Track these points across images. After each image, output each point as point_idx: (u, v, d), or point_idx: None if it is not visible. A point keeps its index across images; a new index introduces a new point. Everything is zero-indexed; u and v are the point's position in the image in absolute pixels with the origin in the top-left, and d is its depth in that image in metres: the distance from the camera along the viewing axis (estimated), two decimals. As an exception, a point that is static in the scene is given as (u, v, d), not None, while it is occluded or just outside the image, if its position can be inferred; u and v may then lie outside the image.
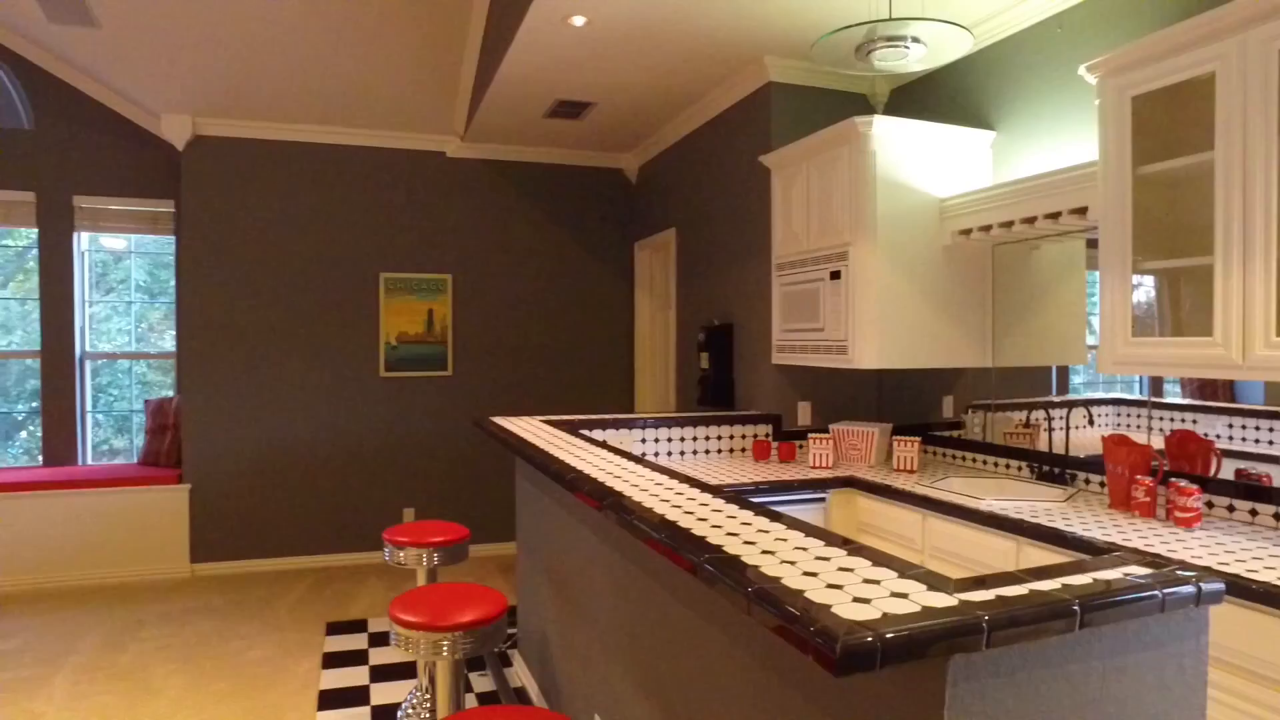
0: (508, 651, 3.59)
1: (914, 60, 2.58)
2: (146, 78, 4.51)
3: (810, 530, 1.44)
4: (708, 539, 1.38)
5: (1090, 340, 2.80)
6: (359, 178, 5.05)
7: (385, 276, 5.07)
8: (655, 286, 5.41)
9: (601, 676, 2.27)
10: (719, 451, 3.71)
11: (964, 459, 3.33)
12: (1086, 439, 2.81)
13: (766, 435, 3.75)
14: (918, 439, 3.22)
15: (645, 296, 5.50)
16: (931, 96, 3.55)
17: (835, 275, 3.21)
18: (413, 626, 2.10)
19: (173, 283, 5.28)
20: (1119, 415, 2.69)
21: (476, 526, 5.22)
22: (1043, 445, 2.98)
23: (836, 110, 3.75)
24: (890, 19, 2.45)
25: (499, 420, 3.41)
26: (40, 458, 5.09)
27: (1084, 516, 2.38)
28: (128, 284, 5.35)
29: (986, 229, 2.97)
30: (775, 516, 1.55)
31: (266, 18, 4.01)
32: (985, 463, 3.21)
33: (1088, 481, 2.77)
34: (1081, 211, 2.54)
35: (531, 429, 3.11)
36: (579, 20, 3.22)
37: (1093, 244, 2.76)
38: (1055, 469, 2.89)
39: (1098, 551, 2.06)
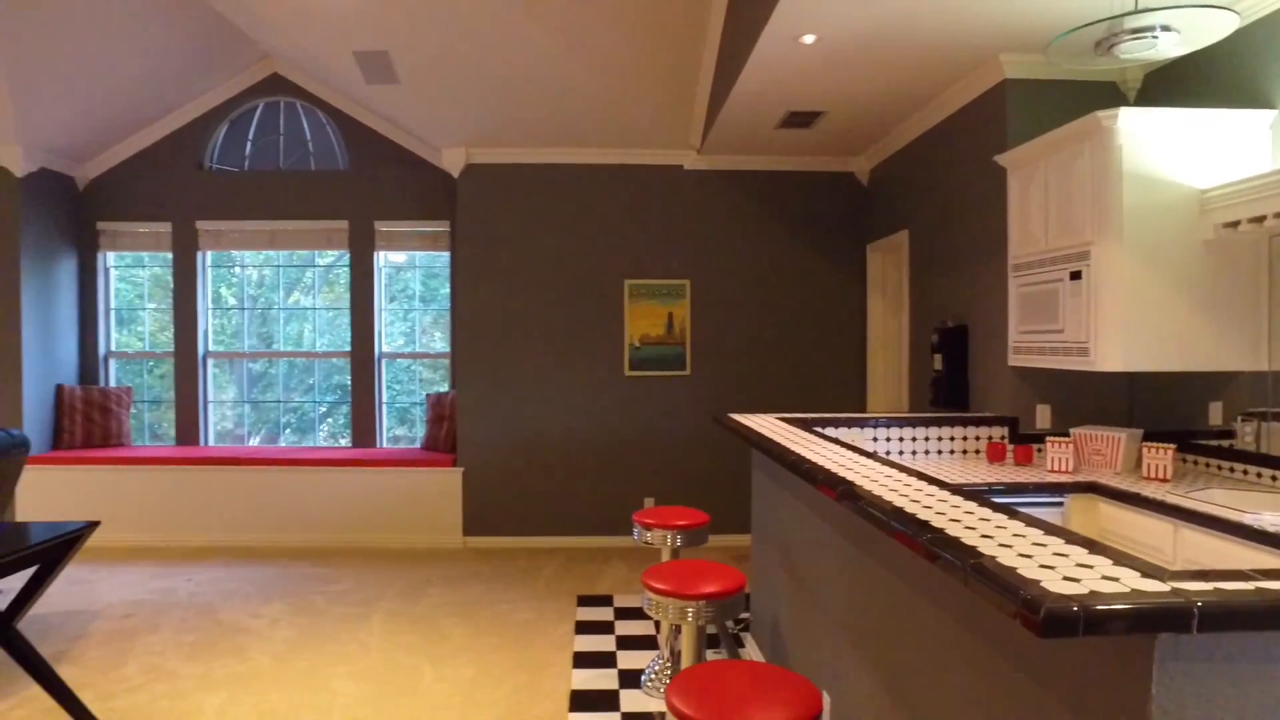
0: (740, 634, 3.84)
1: (1166, 48, 2.47)
2: (431, 119, 5.29)
3: (1031, 521, 1.53)
4: (932, 523, 1.52)
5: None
6: (606, 192, 5.55)
7: (629, 283, 5.53)
8: (888, 288, 5.42)
9: (829, 655, 2.44)
10: (951, 453, 3.71)
11: (1230, 470, 3.09)
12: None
13: (1002, 438, 3.69)
14: (1172, 446, 3.05)
15: (877, 298, 5.52)
16: (1195, 76, 3.31)
17: (1075, 275, 3.12)
18: (662, 593, 2.40)
19: (441, 291, 6.11)
20: None
21: (711, 518, 5.52)
22: (1327, 456, 2.71)
23: (1081, 102, 3.60)
24: (1134, 10, 2.37)
25: (737, 417, 3.66)
26: (342, 440, 6.12)
27: (1370, 533, 2.18)
28: (405, 293, 6.26)
29: (1259, 220, 2.76)
30: (999, 509, 1.65)
31: (529, 56, 4.56)
32: (1260, 476, 2.96)
33: (1382, 497, 2.50)
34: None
35: (768, 425, 3.33)
36: (809, 39, 3.39)
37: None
38: (1342, 483, 2.62)
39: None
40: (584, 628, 4.00)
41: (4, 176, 5.44)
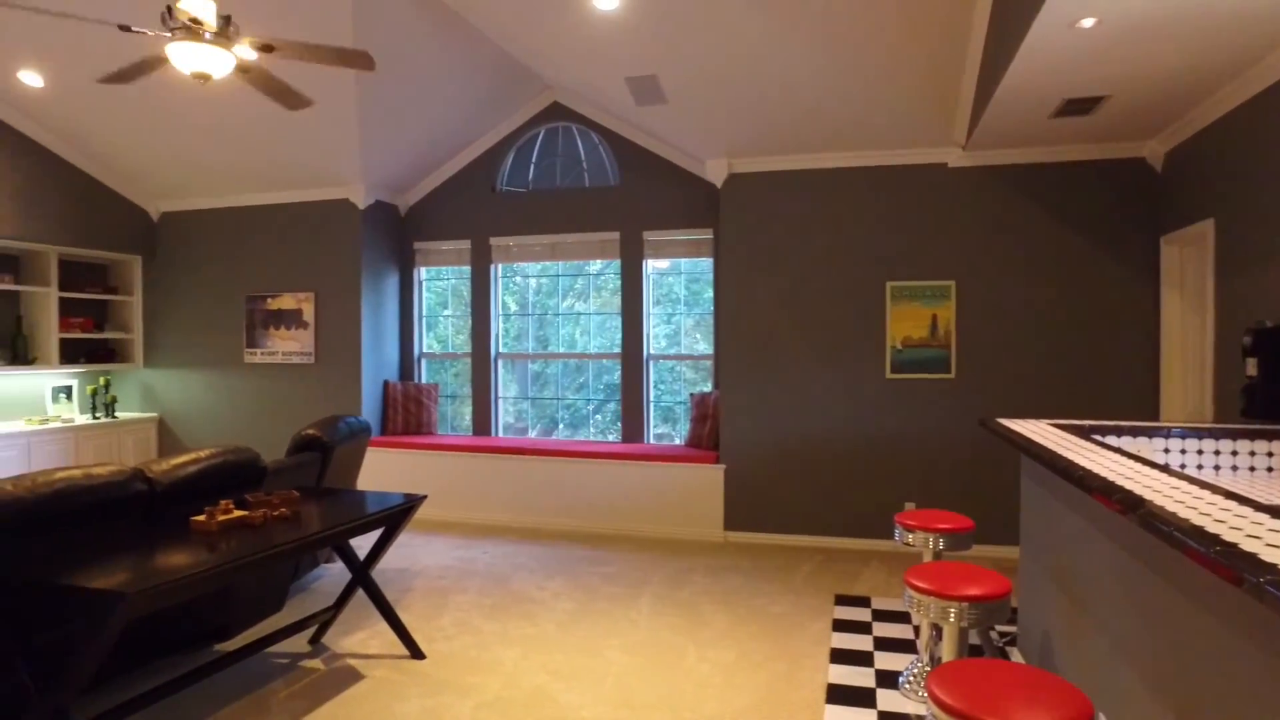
0: (1006, 648, 3.69)
1: None
2: (696, 134, 5.61)
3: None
4: (1240, 545, 1.43)
5: None
6: (866, 195, 5.53)
7: (891, 285, 5.47)
8: (1187, 284, 4.86)
9: (1107, 676, 2.32)
10: (1267, 470, 3.29)
11: None
12: None
13: (1335, 454, 3.20)
14: None
15: (1174, 295, 4.97)
16: None
17: None
18: (924, 592, 2.43)
19: (704, 295, 6.40)
20: None
21: (979, 525, 5.30)
22: None
23: None
24: None
25: (1005, 421, 3.53)
26: (610, 436, 6.63)
27: None
28: (669, 297, 6.63)
29: None
30: (1311, 525, 1.52)
31: (787, 67, 4.70)
32: None
33: None
34: None
35: (1039, 431, 3.19)
36: (1088, 22, 3.19)
37: None
38: None
39: None
40: (841, 625, 4.06)
41: (350, 209, 6.63)
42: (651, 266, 6.53)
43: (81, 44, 5.14)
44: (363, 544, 5.28)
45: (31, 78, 5.67)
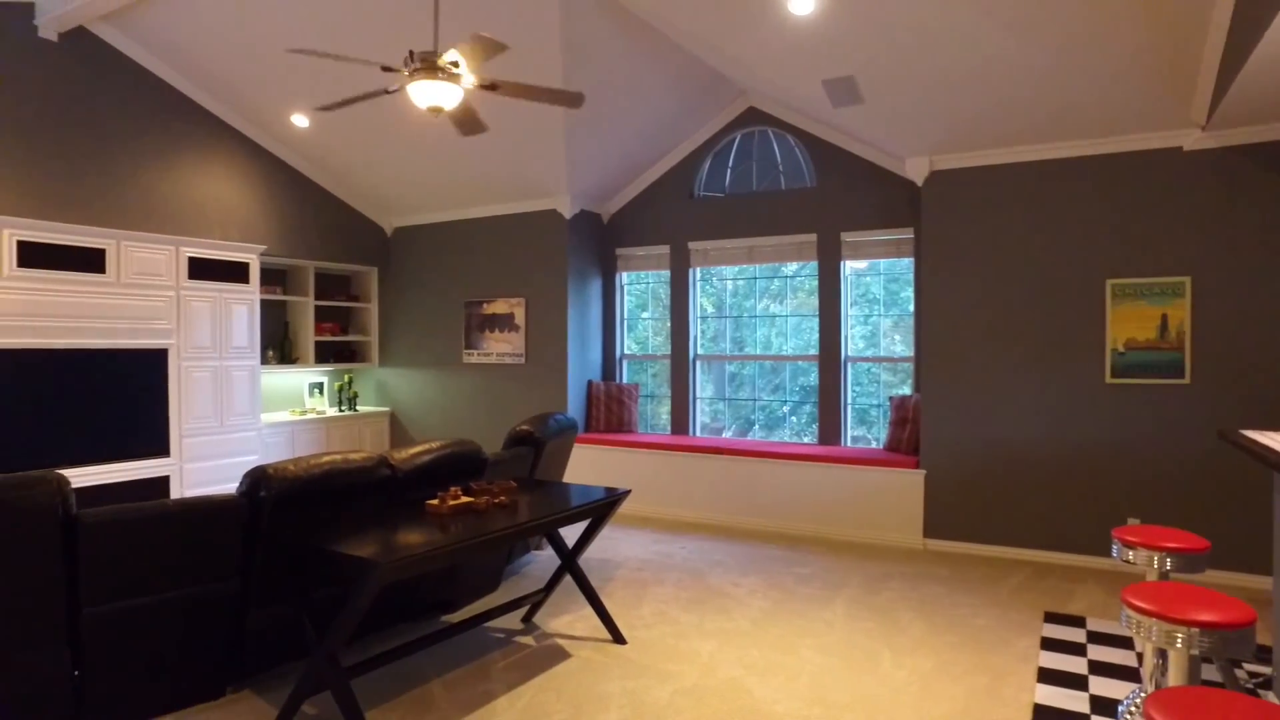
0: (1257, 690, 3.33)
1: None
2: (894, 132, 5.48)
3: None
4: None
5: None
6: (1083, 186, 5.15)
7: (1112, 283, 5.05)
8: None
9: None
10: None
11: None
12: None
13: None
14: None
15: None
16: None
17: None
18: (1146, 613, 2.27)
19: (902, 295, 6.22)
20: None
21: (1214, 548, 4.79)
22: None
23: None
24: None
25: (1252, 434, 3.20)
26: (805, 438, 6.61)
27: None
28: (866, 297, 6.50)
29: None
30: None
31: (988, 57, 4.49)
32: None
33: None
34: None
35: (1287, 444, 2.87)
36: (1362, -16, 2.82)
37: None
38: None
39: None
40: (1051, 645, 3.83)
41: (557, 219, 7.09)
42: (849, 267, 6.44)
43: (337, 90, 5.89)
44: (568, 533, 5.65)
45: (300, 120, 6.59)
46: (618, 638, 3.87)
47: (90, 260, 5.51)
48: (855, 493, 5.83)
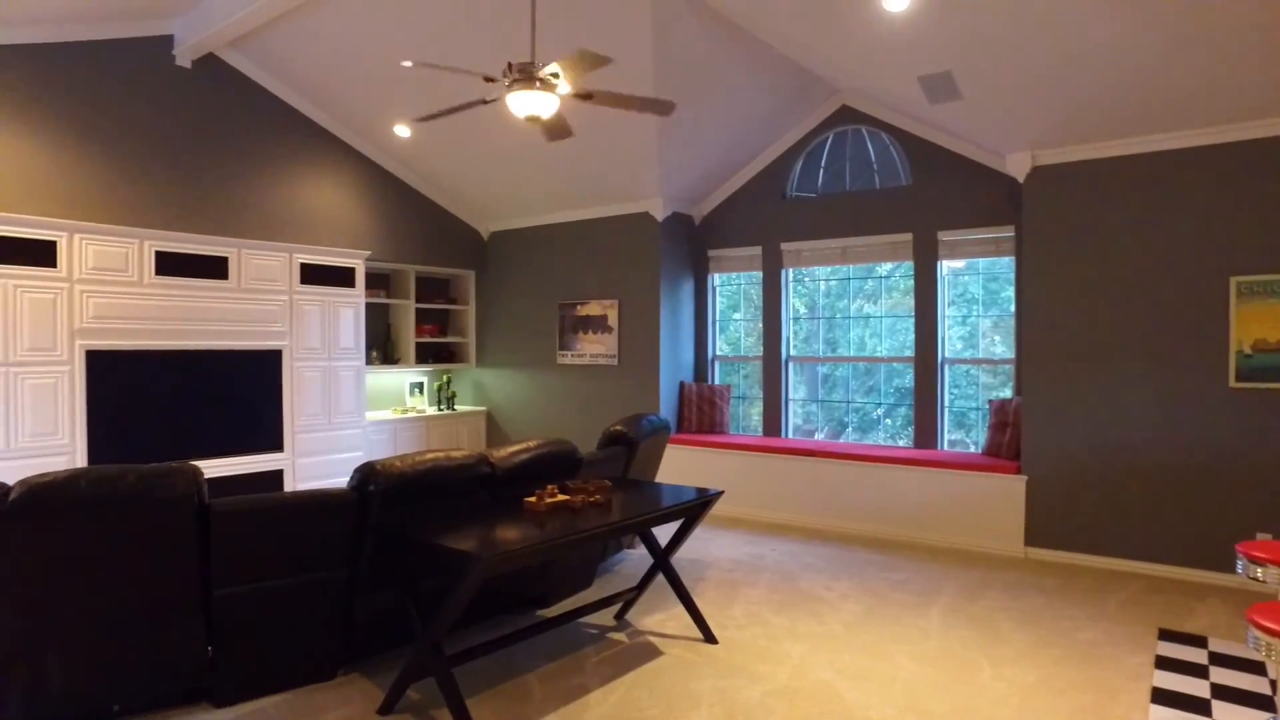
0: (1395, 713, 3.09)
1: None
2: (994, 127, 5.31)
3: None
4: None
5: None
6: (1204, 178, 4.86)
7: (1237, 280, 4.74)
8: None
9: None
10: None
11: None
12: None
13: None
14: None
15: None
16: None
17: None
18: (1276, 634, 2.15)
19: (1002, 295, 6.01)
20: None
21: (1351, 567, 4.44)
22: None
23: None
24: None
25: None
26: (900, 441, 6.47)
27: None
28: (964, 297, 6.31)
29: None
30: None
31: (1096, 44, 4.28)
32: None
33: None
34: None
35: None
36: None
37: None
38: None
39: None
40: (1166, 664, 3.65)
41: (649, 222, 7.17)
42: (946, 267, 6.27)
43: (436, 102, 6.12)
44: (660, 532, 5.71)
45: (402, 130, 6.88)
46: (709, 637, 3.90)
47: (214, 268, 5.90)
48: (952, 498, 5.67)
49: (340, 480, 6.60)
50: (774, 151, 6.97)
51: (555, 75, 3.68)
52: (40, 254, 5.08)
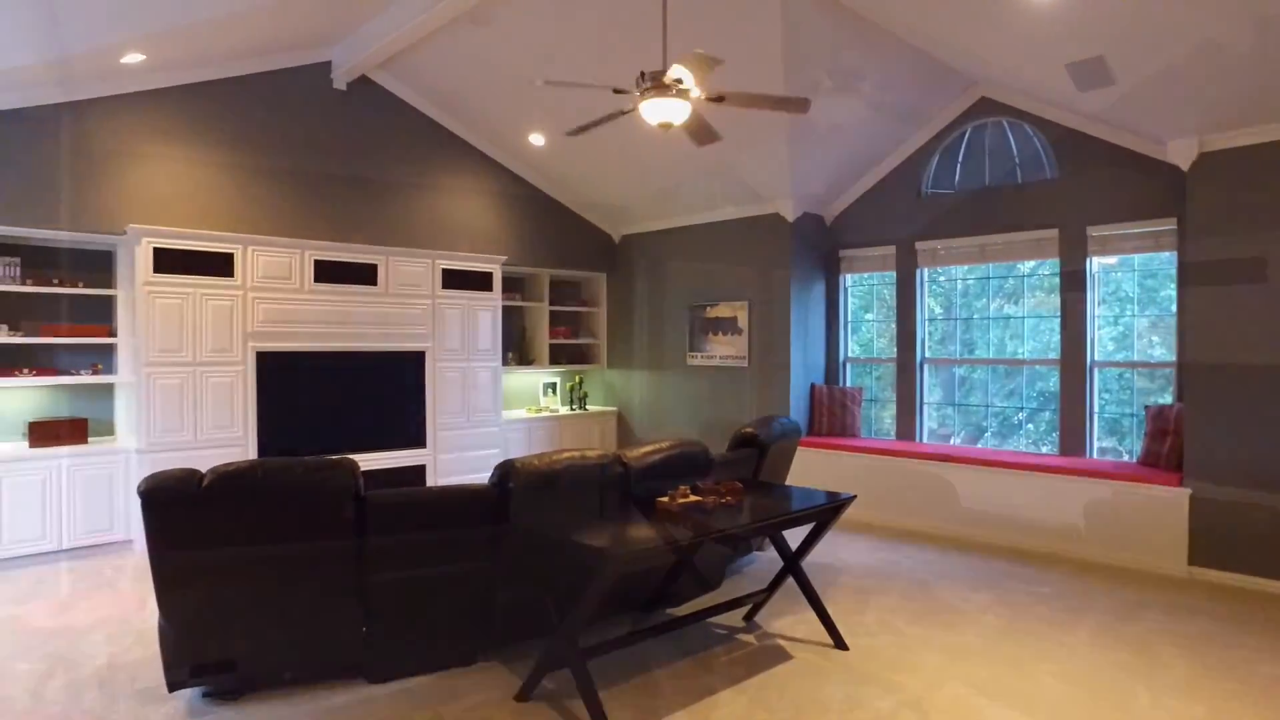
0: None
1: None
2: (1152, 112, 4.95)
3: None
4: None
5: None
6: (1402, 164, 4.36)
7: None
8: None
9: None
10: None
11: None
12: None
13: None
14: None
15: None
16: None
17: None
18: None
19: (1161, 293, 5.59)
20: None
21: None
22: None
23: None
24: None
25: None
26: (1044, 447, 6.12)
27: None
28: (1116, 296, 5.91)
29: None
30: None
31: (1271, 15, 3.93)
32: None
33: None
34: None
35: None
36: None
37: None
38: None
39: None
40: (1357, 699, 3.31)
41: (780, 222, 7.13)
42: (1096, 264, 5.90)
43: (570, 109, 6.32)
44: (789, 535, 5.65)
45: (536, 139, 7.15)
46: (839, 644, 3.85)
47: (365, 274, 6.34)
48: (1103, 510, 5.33)
49: (478, 476, 6.93)
50: (908, 148, 6.76)
51: (681, 81, 3.74)
52: (221, 265, 5.64)
